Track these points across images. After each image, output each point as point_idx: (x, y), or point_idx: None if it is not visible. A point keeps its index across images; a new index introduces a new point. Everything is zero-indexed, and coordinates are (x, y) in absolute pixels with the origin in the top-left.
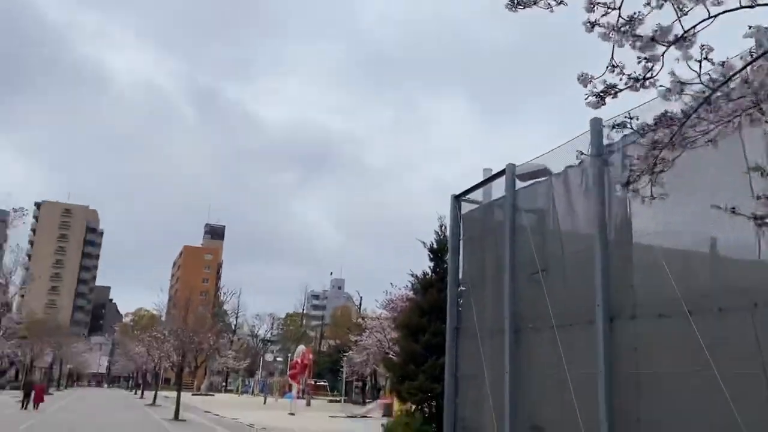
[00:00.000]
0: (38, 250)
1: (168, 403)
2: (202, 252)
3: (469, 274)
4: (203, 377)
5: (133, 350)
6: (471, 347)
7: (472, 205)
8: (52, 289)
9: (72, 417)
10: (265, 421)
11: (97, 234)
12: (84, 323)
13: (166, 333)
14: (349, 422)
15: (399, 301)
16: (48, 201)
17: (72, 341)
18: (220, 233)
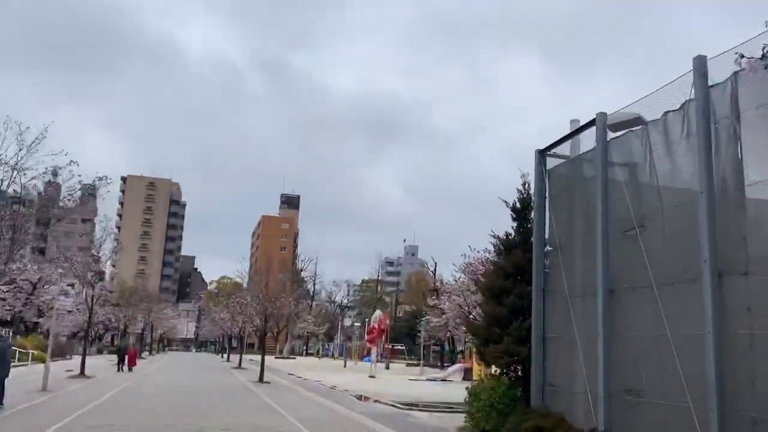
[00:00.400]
0: (126, 223)
1: (252, 366)
2: (278, 221)
3: (557, 232)
4: (285, 341)
5: (218, 316)
6: (559, 309)
7: (558, 160)
8: (140, 259)
9: (164, 379)
10: (346, 384)
11: (180, 206)
12: (172, 291)
13: (248, 299)
14: (429, 385)
15: (478, 264)
16: (132, 175)
17: (161, 308)
18: (295, 203)
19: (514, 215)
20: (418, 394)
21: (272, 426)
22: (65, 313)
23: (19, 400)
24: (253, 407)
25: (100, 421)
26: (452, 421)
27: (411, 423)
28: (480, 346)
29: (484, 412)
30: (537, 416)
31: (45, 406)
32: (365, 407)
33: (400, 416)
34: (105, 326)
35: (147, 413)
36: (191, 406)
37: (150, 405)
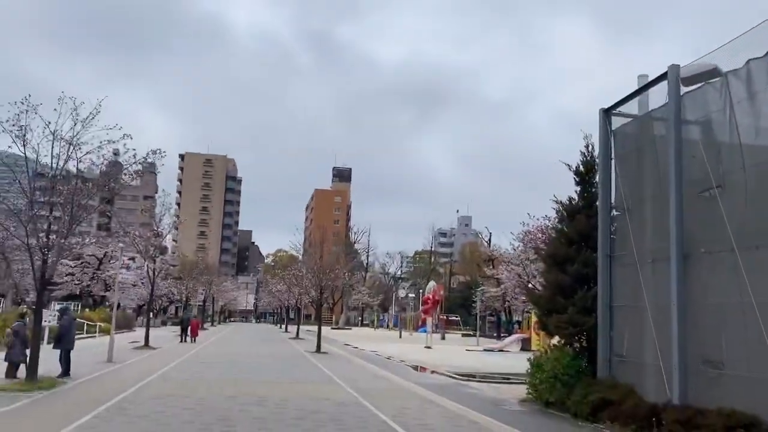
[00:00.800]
0: (186, 199)
1: (310, 336)
2: (331, 195)
3: (624, 196)
4: (340, 313)
5: (275, 288)
6: (628, 276)
7: (625, 119)
8: (200, 234)
9: (225, 349)
10: (403, 354)
11: (236, 181)
12: (231, 264)
13: (304, 271)
14: (487, 356)
15: (537, 232)
16: (190, 152)
17: (221, 280)
18: (347, 176)
19: (577, 179)
20: (475, 364)
21: (330, 396)
22: (130, 286)
23: (85, 371)
24: (310, 378)
25: (161, 391)
26: (512, 392)
27: (470, 394)
28: (542, 316)
29: (547, 384)
30: (604, 388)
31: (109, 377)
32: (422, 378)
33: (458, 387)
34: (168, 299)
35: (207, 384)
36: (250, 376)
37: (210, 375)
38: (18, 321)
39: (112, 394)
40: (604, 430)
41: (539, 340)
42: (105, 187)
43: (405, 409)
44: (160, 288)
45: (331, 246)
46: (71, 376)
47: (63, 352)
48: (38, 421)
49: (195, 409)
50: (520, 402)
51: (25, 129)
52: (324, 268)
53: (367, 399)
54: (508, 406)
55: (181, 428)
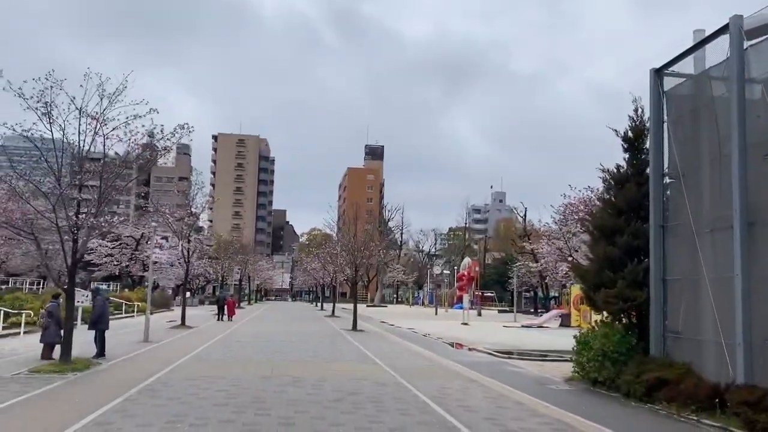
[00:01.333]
0: (220, 179)
1: (345, 314)
2: (364, 173)
3: (679, 161)
4: (375, 290)
5: (310, 266)
6: (683, 247)
7: (678, 80)
8: (235, 214)
9: (260, 328)
10: (440, 331)
11: (269, 161)
12: (266, 244)
13: (338, 249)
14: (525, 332)
15: (579, 204)
16: (223, 133)
17: (256, 260)
18: (379, 153)
19: (626, 145)
20: (514, 341)
21: (368, 376)
22: (168, 266)
23: (121, 351)
24: (347, 356)
25: (196, 372)
26: (556, 370)
27: (512, 372)
28: (589, 291)
29: (595, 362)
30: (659, 367)
31: (144, 357)
32: (461, 355)
33: (498, 365)
34: (206, 278)
35: (242, 363)
36: (286, 355)
37: (245, 355)
38: (52, 301)
39: (145, 375)
40: (661, 411)
41: (579, 315)
42: (133, 163)
43: (445, 389)
44: (195, 268)
45: (365, 224)
46: (106, 357)
47: (98, 332)
48: (69, 404)
49: (228, 390)
50: (566, 381)
51: (50, 105)
52: (358, 245)
53: (406, 378)
54: (554, 386)
55: (213, 411)
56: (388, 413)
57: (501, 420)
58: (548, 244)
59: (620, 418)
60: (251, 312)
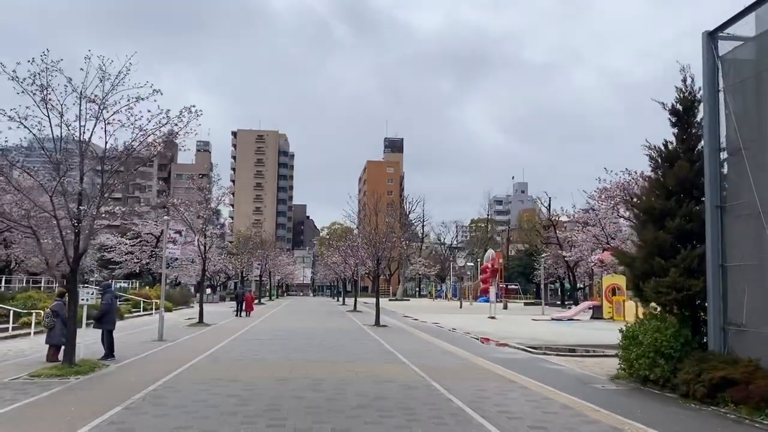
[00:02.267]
0: (240, 175)
1: (367, 308)
2: (384, 166)
3: (739, 134)
4: (397, 284)
5: (330, 260)
6: (745, 229)
7: (735, 43)
8: (255, 210)
9: (279, 324)
10: (466, 326)
11: (289, 156)
12: (287, 239)
13: (359, 241)
14: (556, 326)
15: (616, 188)
16: (242, 129)
17: (276, 254)
18: (398, 146)
19: (674, 119)
20: (546, 336)
21: (394, 378)
22: (189, 263)
23: (132, 351)
24: (371, 354)
25: (208, 374)
26: (599, 367)
27: (551, 371)
28: (636, 280)
29: (646, 359)
30: (722, 364)
31: (156, 358)
32: (493, 352)
33: (535, 362)
34: (226, 274)
35: (258, 364)
36: (306, 354)
37: (262, 355)
38: (57, 300)
39: (153, 379)
40: (729, 415)
41: (611, 307)
42: (138, 150)
43: (482, 391)
44: (215, 263)
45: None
46: (116, 358)
47: (104, 332)
48: (61, 414)
49: (241, 395)
50: (612, 379)
51: (46, 89)
52: (380, 236)
53: (437, 380)
54: (599, 385)
55: (221, 422)
56: (419, 423)
57: (550, 428)
58: (583, 232)
59: (686, 424)
60: (272, 308)
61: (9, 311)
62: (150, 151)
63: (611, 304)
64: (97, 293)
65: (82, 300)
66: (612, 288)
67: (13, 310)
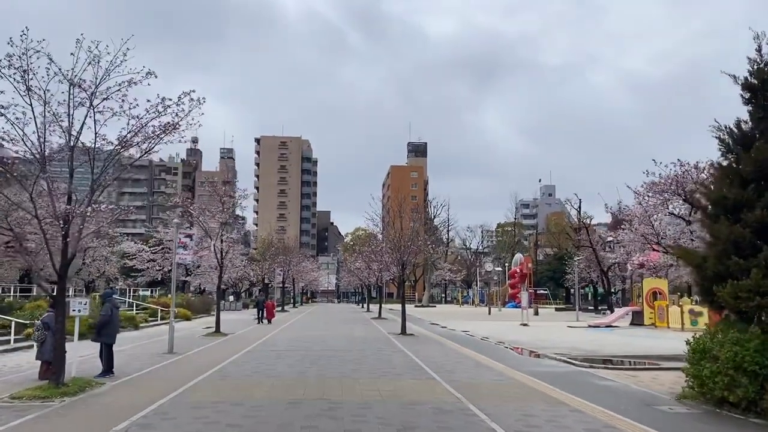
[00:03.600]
0: (264, 182)
1: (392, 315)
2: (407, 170)
3: None
4: (423, 290)
5: (353, 266)
6: None
7: None
8: (279, 217)
9: (300, 333)
10: (498, 334)
11: (312, 162)
12: (311, 246)
13: (383, 245)
14: (595, 333)
15: (667, 182)
16: (265, 135)
17: (299, 260)
18: (422, 150)
19: (747, 95)
20: (587, 345)
21: (424, 398)
22: (212, 269)
23: (135, 366)
24: (397, 369)
25: (210, 395)
26: (654, 383)
27: (604, 388)
28: (707, 283)
29: (724, 377)
30: None
31: (158, 375)
32: (531, 364)
33: (582, 377)
34: (249, 282)
35: (270, 382)
36: (324, 369)
37: (277, 370)
38: (49, 311)
39: (147, 401)
40: None
41: (653, 313)
42: (133, 143)
43: (528, 417)
44: (237, 270)
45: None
46: (115, 374)
47: (103, 347)
48: None
49: (242, 426)
50: (679, 399)
51: (27, 71)
52: (404, 240)
53: (474, 401)
54: (666, 406)
55: None
56: None
57: None
58: (631, 230)
59: None
60: (294, 315)
61: (11, 322)
62: (148, 144)
63: (653, 310)
64: (95, 302)
65: (74, 311)
66: (653, 292)
67: (15, 321)
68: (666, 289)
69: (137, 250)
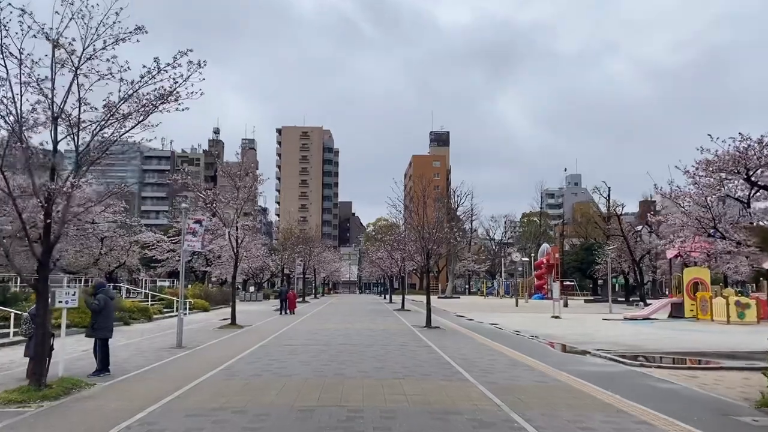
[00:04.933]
0: (285, 172)
1: (416, 307)
2: (430, 159)
3: None
4: (446, 281)
5: (375, 255)
6: None
7: None
8: (301, 207)
9: (320, 325)
10: (530, 327)
11: (333, 153)
12: (332, 236)
13: (406, 232)
14: (634, 326)
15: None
16: (287, 126)
17: (319, 250)
18: (444, 140)
19: None
20: (628, 339)
21: (458, 404)
22: (232, 260)
23: (136, 363)
24: (424, 367)
25: (212, 399)
26: (721, 386)
27: (666, 392)
28: None
29: None
30: None
31: (158, 373)
32: (575, 363)
33: (635, 378)
34: (271, 272)
35: (281, 383)
36: (343, 366)
37: (290, 368)
38: None
39: (136, 408)
40: None
41: (695, 305)
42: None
43: (587, 431)
44: (256, 259)
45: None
46: (111, 373)
47: (97, 342)
48: None
49: None
50: (759, 407)
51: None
52: (429, 227)
53: (518, 410)
54: (748, 417)
55: None
56: None
57: None
58: (685, 214)
59: None
60: (315, 306)
61: (10, 314)
62: (142, 113)
63: (694, 301)
64: (87, 293)
65: (60, 302)
66: (693, 282)
67: (15, 313)
68: (708, 279)
69: (156, 240)
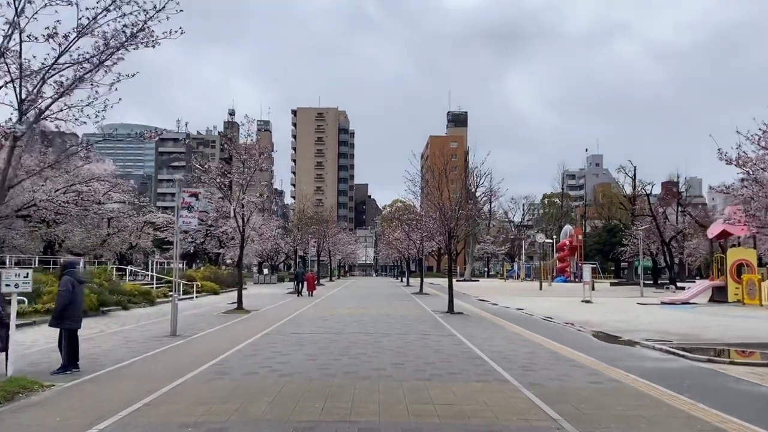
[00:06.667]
0: (301, 154)
1: (434, 290)
2: (447, 140)
3: None
4: (464, 264)
5: (392, 236)
6: None
7: None
8: (317, 189)
9: (334, 310)
10: (560, 312)
11: (349, 134)
12: (348, 219)
13: (423, 212)
14: (675, 312)
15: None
16: (302, 107)
17: (334, 231)
18: (462, 120)
19: None
20: (675, 326)
21: (502, 419)
22: (249, 242)
23: (117, 355)
24: (451, 362)
25: (187, 409)
26: None
27: (756, 397)
28: None
29: None
30: None
31: (136, 370)
32: (627, 357)
33: (709, 377)
34: (285, 254)
35: (281, 385)
36: (356, 362)
37: (293, 363)
38: None
39: (88, 422)
40: None
41: (740, 288)
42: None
43: None
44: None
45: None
46: (80, 369)
47: (64, 333)
48: None
49: None
50: None
51: None
52: (451, 204)
53: (583, 428)
54: None
55: None
56: None
57: None
58: (750, 186)
59: None
60: (330, 289)
61: None
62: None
63: (739, 285)
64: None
65: (7, 286)
66: (738, 264)
67: None
68: (755, 260)
69: (167, 221)
